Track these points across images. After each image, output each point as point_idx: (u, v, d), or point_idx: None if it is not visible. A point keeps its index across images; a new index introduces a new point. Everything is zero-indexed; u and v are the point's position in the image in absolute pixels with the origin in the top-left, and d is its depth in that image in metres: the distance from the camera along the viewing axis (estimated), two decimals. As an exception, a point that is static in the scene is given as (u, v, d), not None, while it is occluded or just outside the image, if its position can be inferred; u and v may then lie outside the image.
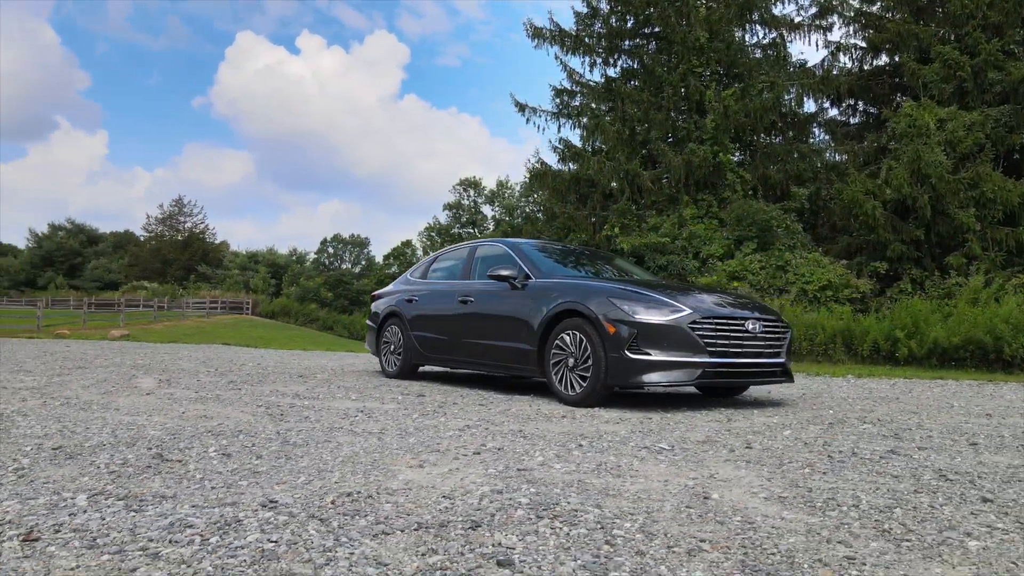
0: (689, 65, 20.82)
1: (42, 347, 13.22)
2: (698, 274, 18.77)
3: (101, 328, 25.40)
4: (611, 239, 20.95)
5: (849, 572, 1.84)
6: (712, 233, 19.43)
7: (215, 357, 11.04)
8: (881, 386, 7.89)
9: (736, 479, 2.90)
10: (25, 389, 5.78)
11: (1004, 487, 2.85)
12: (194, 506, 2.32)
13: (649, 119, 21.17)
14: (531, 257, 6.44)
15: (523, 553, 1.90)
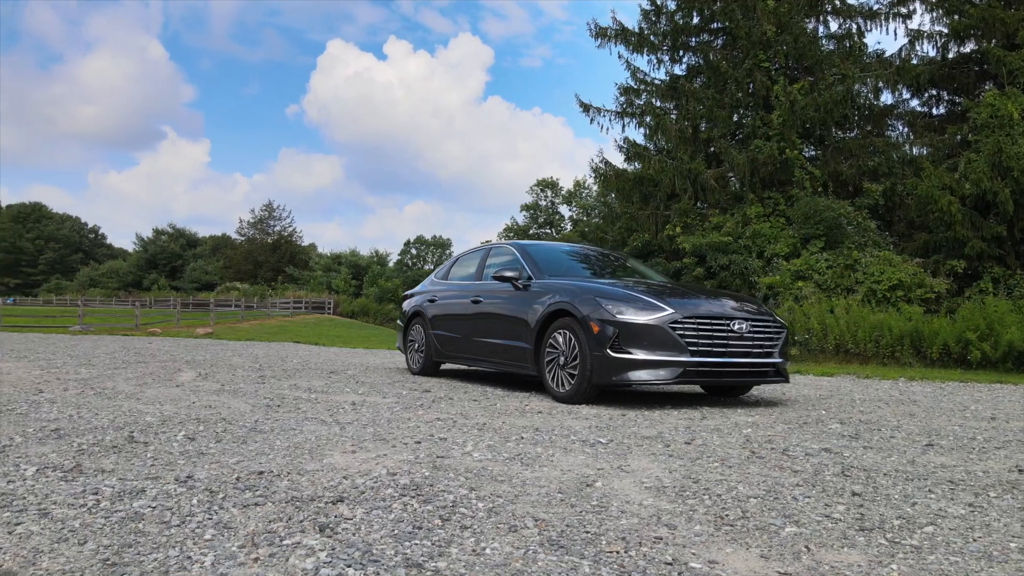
0: (755, 60, 20.38)
1: (126, 343, 14.32)
2: (762, 273, 18.38)
3: (191, 327, 27.05)
4: (672, 239, 20.77)
5: (641, 548, 1.97)
6: (778, 232, 18.96)
7: (271, 354, 11.71)
8: (924, 389, 7.66)
9: (640, 470, 3.03)
10: (76, 380, 6.41)
11: (896, 484, 2.87)
12: (120, 478, 2.66)
13: (713, 116, 20.84)
14: (535, 259, 6.62)
15: (354, 523, 2.13)
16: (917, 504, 2.54)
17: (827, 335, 14.54)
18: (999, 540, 2.14)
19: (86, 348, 11.80)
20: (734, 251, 19.33)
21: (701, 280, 19.74)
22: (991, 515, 2.43)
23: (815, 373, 10.75)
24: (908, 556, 1.98)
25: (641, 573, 1.80)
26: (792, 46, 20.39)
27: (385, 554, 1.86)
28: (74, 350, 11.07)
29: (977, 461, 3.46)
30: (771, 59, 20.73)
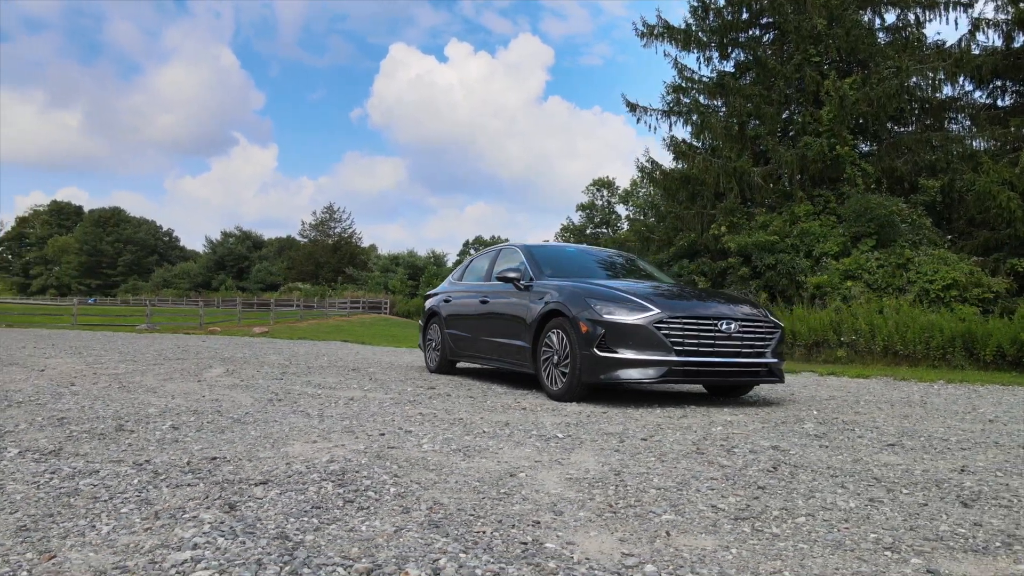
0: (805, 55, 19.97)
1: (180, 341, 15.07)
2: (810, 273, 18.00)
3: (250, 326, 28.10)
4: (718, 238, 20.51)
5: (511, 530, 2.12)
6: (828, 230, 18.53)
7: (309, 352, 12.17)
8: (954, 392, 7.49)
9: (574, 463, 3.16)
10: (110, 375, 6.88)
11: (816, 480, 2.92)
12: (87, 461, 2.95)
13: (760, 114, 20.50)
14: (538, 260, 6.77)
15: (261, 502, 2.35)
16: (815, 498, 2.61)
17: (875, 336, 14.17)
18: (863, 532, 2.20)
19: (140, 346, 12.50)
20: (781, 250, 18.98)
21: (747, 281, 19.47)
22: (882, 510, 2.47)
23: (850, 375, 10.55)
24: (759, 542, 2.07)
25: (486, 548, 1.96)
26: (844, 39, 19.88)
27: (265, 528, 2.07)
28: (128, 347, 11.75)
29: (927, 461, 3.45)
30: (821, 53, 20.26)
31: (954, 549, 2.07)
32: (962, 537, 2.19)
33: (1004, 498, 2.70)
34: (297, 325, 30.47)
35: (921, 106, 21.12)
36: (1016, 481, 3.03)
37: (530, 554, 1.93)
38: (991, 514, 2.47)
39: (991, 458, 3.59)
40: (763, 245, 19.24)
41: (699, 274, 21.08)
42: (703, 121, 21.77)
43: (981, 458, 3.58)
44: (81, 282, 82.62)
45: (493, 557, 1.89)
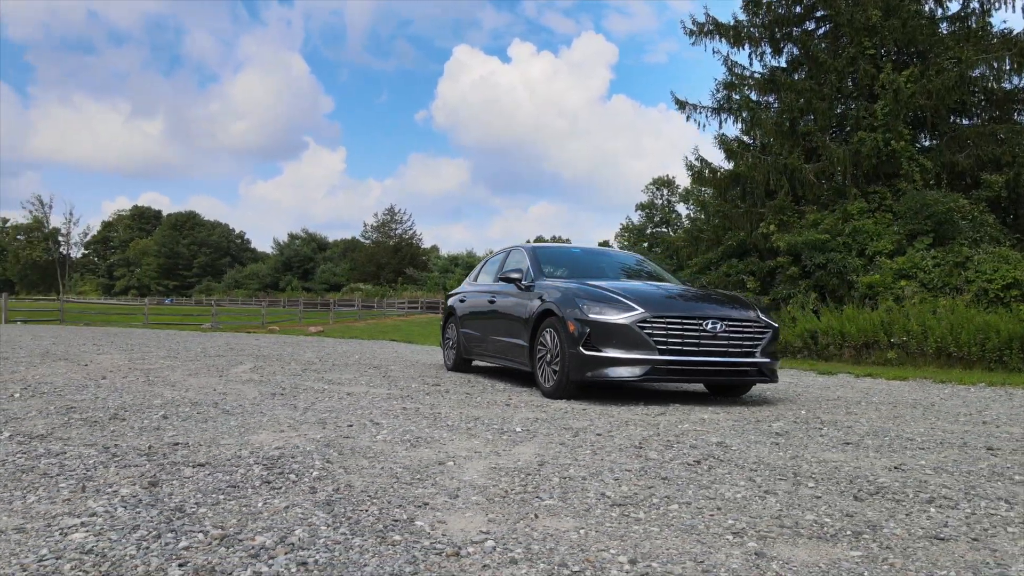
0: (860, 47, 19.43)
1: (232, 340, 15.80)
2: (862, 272, 17.52)
3: (309, 325, 29.07)
4: (767, 237, 20.15)
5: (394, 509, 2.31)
6: (883, 228, 17.98)
7: (346, 351, 12.61)
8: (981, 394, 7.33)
9: (511, 455, 3.33)
10: (143, 370, 7.38)
11: (732, 474, 3.00)
12: (65, 444, 3.29)
13: (812, 109, 20.04)
14: (541, 261, 6.93)
15: (184, 480, 2.61)
16: (708, 490, 2.71)
17: (927, 338, 13.75)
18: (724, 520, 2.31)
19: (191, 344, 13.19)
20: (832, 249, 18.52)
21: (796, 280, 19.06)
22: (767, 501, 2.56)
23: (887, 377, 10.33)
24: (614, 526, 2.21)
25: (355, 523, 2.16)
26: (900, 31, 19.24)
27: (168, 502, 2.32)
28: (178, 345, 12.43)
29: (866, 459, 3.48)
30: (877, 46, 19.67)
31: (801, 536, 2.16)
32: (820, 526, 2.26)
33: (906, 494, 2.73)
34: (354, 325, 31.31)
35: (987, 98, 20.25)
36: (939, 479, 3.04)
37: (391, 529, 2.12)
38: (874, 508, 2.52)
39: (940, 458, 3.58)
40: (813, 244, 18.82)
41: (747, 274, 20.75)
42: (753, 118, 21.43)
43: (930, 458, 3.57)
44: (160, 283, 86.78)
45: (353, 531, 2.09)
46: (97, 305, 38.55)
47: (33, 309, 29.40)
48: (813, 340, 15.24)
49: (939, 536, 2.20)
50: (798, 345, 15.37)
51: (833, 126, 20.77)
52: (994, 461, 3.52)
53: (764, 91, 22.21)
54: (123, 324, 24.64)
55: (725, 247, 22.11)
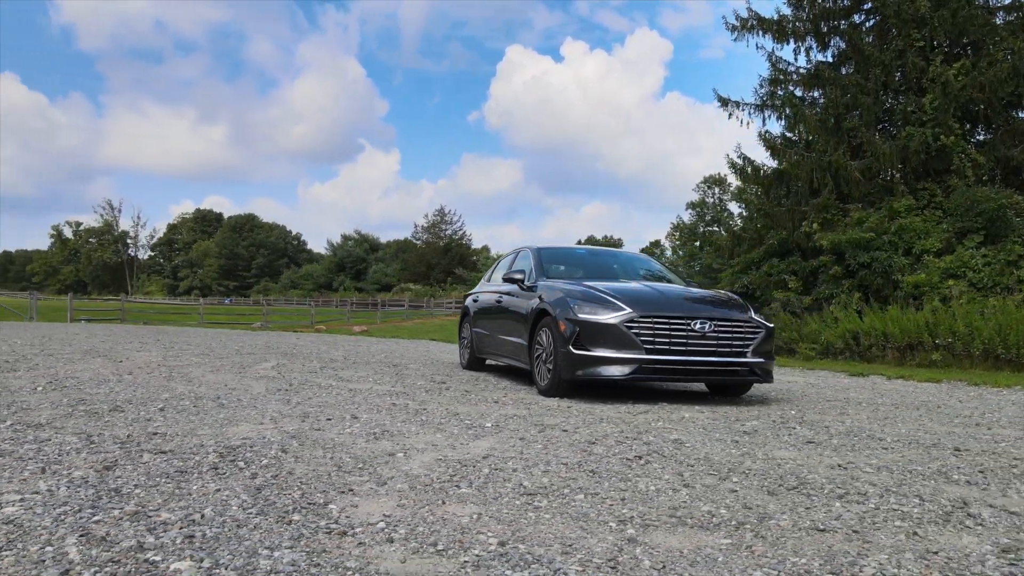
0: (908, 40, 18.90)
1: (273, 338, 16.36)
2: (908, 271, 17.06)
3: (356, 325, 29.74)
4: (809, 236, 19.78)
5: (316, 495, 2.49)
6: (931, 226, 17.46)
7: (374, 350, 12.94)
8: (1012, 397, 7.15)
9: (466, 448, 3.50)
10: (169, 367, 7.78)
11: (667, 468, 3.09)
12: (55, 432, 3.58)
13: (858, 104, 19.58)
14: (544, 262, 7.07)
15: (136, 464, 2.84)
16: (628, 482, 2.82)
17: (974, 339, 13.36)
18: (620, 509, 2.43)
19: (232, 342, 13.73)
20: (877, 248, 18.08)
21: (839, 280, 18.66)
22: (677, 494, 2.66)
23: (919, 379, 10.12)
24: (512, 513, 2.35)
25: (269, 504, 2.35)
26: (950, 22, 18.64)
27: (110, 484, 2.55)
28: (218, 344, 12.96)
29: (819, 457, 3.51)
30: (926, 38, 19.10)
31: (684, 525, 2.26)
32: (710, 517, 2.36)
33: (824, 490, 2.78)
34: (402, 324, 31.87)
35: (1048, 88, 19.43)
36: (873, 476, 3.07)
37: (298, 510, 2.30)
38: (781, 502, 2.59)
39: (895, 457, 3.58)
40: (858, 243, 18.40)
41: (789, 273, 20.39)
42: (796, 114, 21.05)
43: (885, 457, 3.58)
44: (220, 283, 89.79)
45: (261, 511, 2.28)
46: (156, 305, 40.22)
47: (97, 309, 30.87)
48: (855, 341, 14.93)
49: (822, 528, 2.26)
50: (839, 346, 15.07)
51: (880, 121, 20.24)
52: (950, 461, 3.50)
53: (809, 87, 21.78)
54: (179, 323, 25.67)
55: (767, 246, 21.76)
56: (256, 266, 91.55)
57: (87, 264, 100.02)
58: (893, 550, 2.07)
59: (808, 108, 20.97)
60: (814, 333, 15.61)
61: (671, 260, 73.72)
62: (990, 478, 3.13)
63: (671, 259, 73.69)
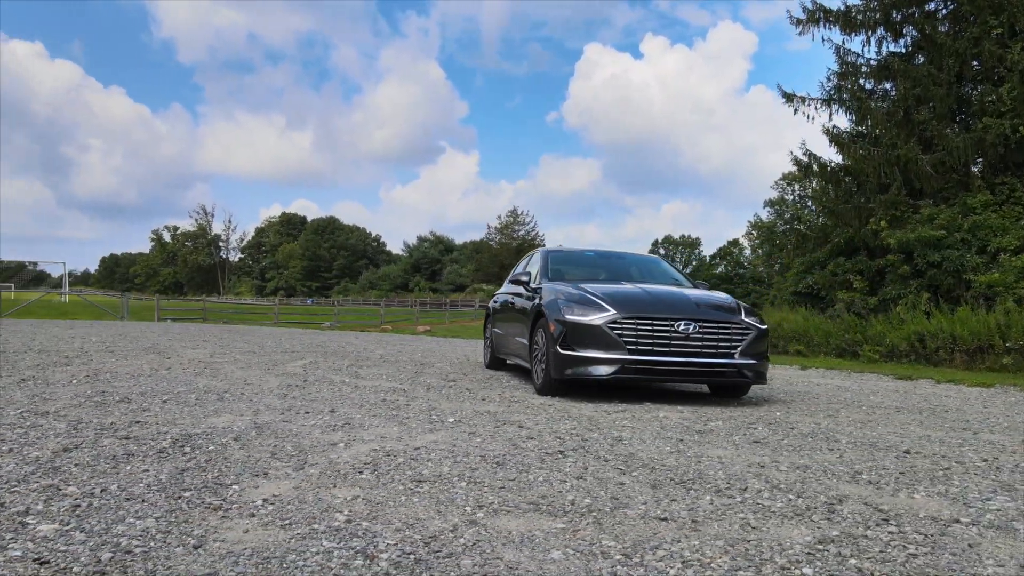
0: (984, 27, 18.01)
1: (334, 337, 17.06)
2: (982, 270, 16.25)
3: (423, 325, 30.49)
4: (876, 234, 19.10)
5: (245, 477, 2.79)
6: (1010, 223, 16.58)
7: (419, 349, 13.36)
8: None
9: (411, 440, 3.75)
10: (207, 363, 8.36)
11: (575, 462, 3.24)
12: (52, 420, 4.03)
13: (929, 96, 18.76)
14: (550, 264, 7.25)
15: (96, 446, 3.22)
16: (528, 474, 3.01)
17: (1047, 342, 12.70)
18: (492, 495, 2.62)
19: (287, 341, 14.44)
20: (948, 246, 17.31)
21: (907, 280, 17.96)
22: (563, 485, 2.83)
23: (970, 383, 9.75)
24: (388, 496, 2.59)
25: (176, 484, 2.66)
26: (1031, 5, 17.65)
27: (53, 462, 2.92)
28: (274, 342, 13.67)
29: (753, 457, 3.58)
30: (1004, 24, 18.14)
31: (537, 512, 2.44)
32: (569, 503, 2.54)
33: (710, 485, 2.88)
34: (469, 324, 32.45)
35: None
36: (778, 475, 3.13)
37: (199, 489, 2.60)
38: (658, 493, 2.73)
39: (833, 457, 3.63)
40: (928, 241, 17.67)
41: (855, 273, 19.74)
42: (862, 107, 20.34)
43: (819, 457, 3.62)
44: (304, 284, 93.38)
45: (161, 489, 2.59)
46: (236, 305, 42.35)
47: (181, 309, 32.83)
48: (921, 343, 14.37)
49: (664, 517, 2.39)
50: (904, 348, 14.54)
51: (954, 113, 19.32)
52: (883, 463, 3.51)
53: (879, 79, 21.01)
54: (255, 323, 27.02)
55: (833, 245, 21.12)
56: (337, 267, 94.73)
57: (183, 266, 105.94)
58: (710, 537, 2.19)
59: (876, 101, 20.23)
60: (878, 335, 15.10)
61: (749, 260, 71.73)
62: (904, 480, 3.14)
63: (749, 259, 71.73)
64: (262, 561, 1.88)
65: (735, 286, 67.30)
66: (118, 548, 1.92)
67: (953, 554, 2.09)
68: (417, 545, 2.05)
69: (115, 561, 1.83)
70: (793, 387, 7.64)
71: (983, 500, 2.77)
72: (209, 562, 1.85)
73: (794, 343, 18.21)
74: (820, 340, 17.15)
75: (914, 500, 2.76)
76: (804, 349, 17.41)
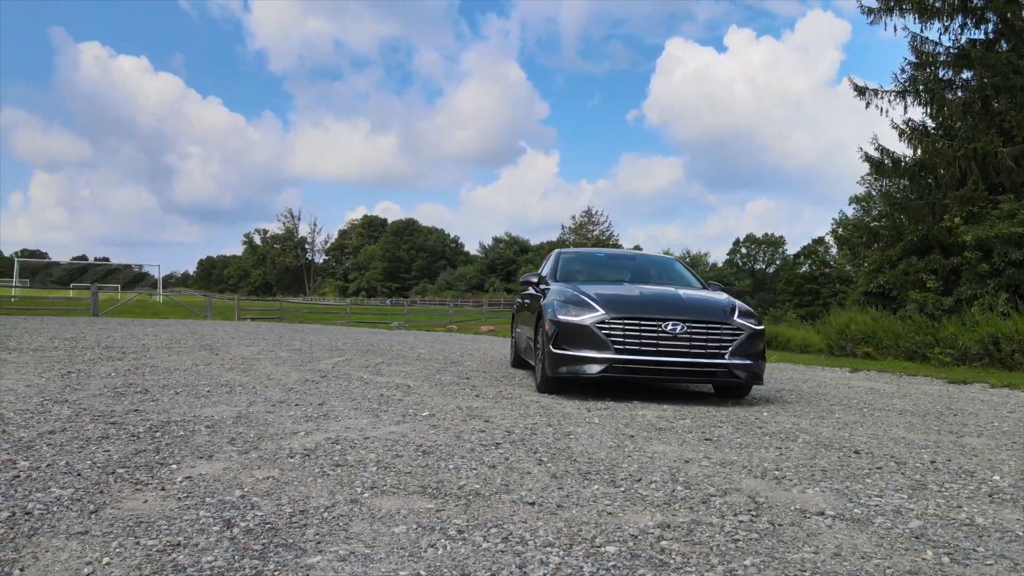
0: (1070, 9, 16.98)
1: (391, 336, 17.65)
2: (1067, 270, 15.33)
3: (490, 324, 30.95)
4: (951, 231, 18.23)
5: (192, 457, 3.13)
6: (1102, 218, 15.59)
7: (460, 347, 13.70)
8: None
9: (373, 430, 4.02)
10: (244, 358, 8.92)
11: (504, 456, 3.42)
12: (67, 407, 4.52)
13: (1009, 85, 17.79)
14: (559, 265, 7.43)
15: (75, 431, 3.63)
16: (444, 460, 3.24)
17: None
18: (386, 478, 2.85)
19: (341, 339, 15.07)
20: (1031, 243, 16.37)
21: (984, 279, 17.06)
22: (459, 472, 3.03)
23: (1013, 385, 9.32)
24: (299, 476, 2.88)
25: (124, 464, 3.00)
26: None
27: (29, 444, 3.34)
28: (327, 339, 14.30)
29: (693, 453, 3.67)
30: (1093, 4, 17.03)
31: (422, 493, 2.69)
32: (457, 488, 2.77)
33: (610, 475, 3.03)
34: (533, 324, 32.60)
35: None
36: (697, 469, 3.24)
37: (137, 467, 2.94)
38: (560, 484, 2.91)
39: (773, 455, 3.67)
40: (1008, 238, 16.79)
41: (928, 272, 18.89)
42: (936, 98, 19.45)
43: (760, 455, 3.68)
44: (384, 285, 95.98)
45: (104, 464, 2.94)
46: (311, 305, 44.09)
47: (261, 309, 34.48)
48: (995, 346, 13.70)
49: (532, 502, 2.57)
50: (976, 351, 13.90)
51: (1030, 103, 18.22)
52: (814, 462, 3.54)
53: (956, 68, 20.03)
54: (328, 322, 28.14)
55: (904, 243, 20.25)
56: (416, 268, 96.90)
57: (272, 268, 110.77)
58: (558, 520, 2.36)
59: (951, 92, 19.29)
60: (950, 337, 14.46)
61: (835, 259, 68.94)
62: (817, 477, 3.20)
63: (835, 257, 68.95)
64: (134, 525, 2.18)
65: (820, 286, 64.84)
66: (22, 510, 2.27)
67: (781, 541, 2.19)
68: (282, 517, 2.31)
69: (12, 519, 2.18)
70: (819, 389, 7.52)
71: (875, 497, 2.81)
72: (90, 524, 2.17)
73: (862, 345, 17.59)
74: (889, 342, 16.53)
75: (804, 495, 2.82)
76: (873, 351, 16.80)
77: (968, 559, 2.12)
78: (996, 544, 2.28)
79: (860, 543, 2.22)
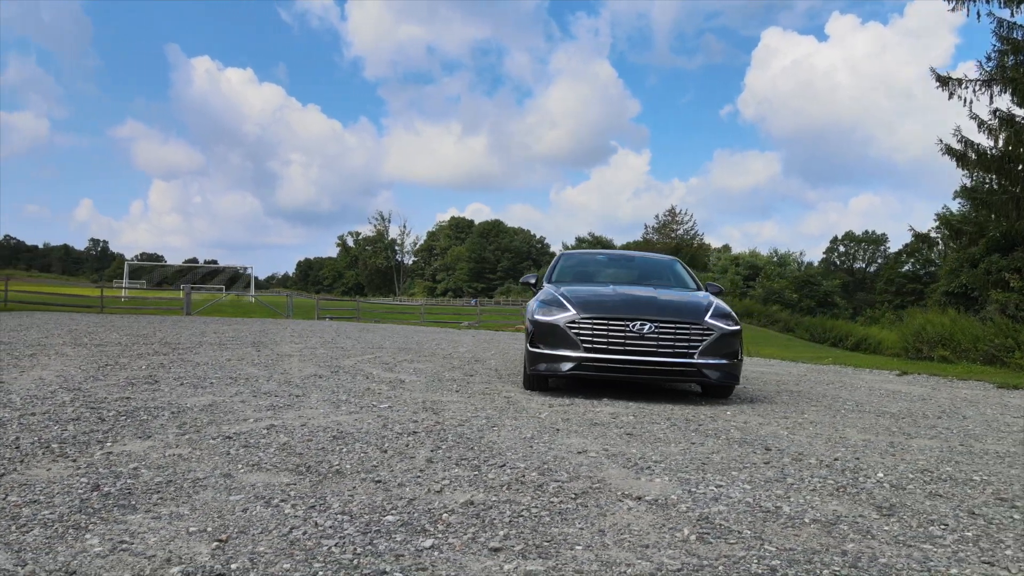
0: None
1: (450, 335, 18.20)
2: None
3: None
4: (1035, 226, 17.16)
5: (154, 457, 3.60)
6: None
7: (498, 348, 14.01)
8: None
9: (322, 419, 4.40)
10: (276, 355, 9.55)
11: (411, 440, 3.71)
12: (76, 395, 5.13)
13: (1104, 67, 16.62)
14: (559, 267, 7.66)
15: (59, 413, 4.18)
16: (348, 445, 3.55)
17: None
18: (287, 458, 3.18)
19: (397, 338, 15.71)
20: (1120, 240, 15.29)
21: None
22: (363, 455, 3.34)
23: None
24: (206, 454, 3.24)
25: (68, 442, 3.48)
26: None
27: (15, 420, 3.88)
28: (377, 338, 14.95)
29: (611, 447, 3.84)
30: None
31: (294, 472, 3.01)
32: (327, 467, 3.09)
33: (492, 464, 3.25)
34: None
35: None
36: (581, 459, 3.41)
37: (80, 443, 3.41)
38: (427, 467, 3.17)
39: (684, 450, 3.80)
40: (1096, 234, 15.68)
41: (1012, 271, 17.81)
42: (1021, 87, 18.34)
43: (675, 448, 3.83)
44: (470, 285, 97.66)
45: (46, 442, 3.42)
46: (387, 305, 45.54)
47: (337, 308, 35.98)
48: (1073, 352, 12.92)
49: (380, 480, 2.87)
50: (1057, 356, 13.12)
51: None
52: (708, 456, 3.63)
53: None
54: (402, 321, 29.11)
55: (988, 239, 19.16)
56: (501, 269, 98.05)
57: (364, 269, 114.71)
58: (383, 495, 2.63)
59: None
60: (1033, 341, 13.67)
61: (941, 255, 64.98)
62: (711, 470, 3.33)
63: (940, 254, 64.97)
64: (17, 486, 2.62)
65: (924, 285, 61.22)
66: (-60, 473, 2.76)
67: (590, 523, 2.39)
68: (149, 484, 2.70)
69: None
70: (819, 389, 7.39)
71: (712, 487, 2.93)
72: (-12, 485, 2.63)
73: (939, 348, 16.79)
74: (967, 345, 15.77)
75: (649, 483, 2.99)
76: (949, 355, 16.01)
77: (717, 539, 2.25)
78: (762, 527, 2.38)
79: (642, 524, 2.38)
